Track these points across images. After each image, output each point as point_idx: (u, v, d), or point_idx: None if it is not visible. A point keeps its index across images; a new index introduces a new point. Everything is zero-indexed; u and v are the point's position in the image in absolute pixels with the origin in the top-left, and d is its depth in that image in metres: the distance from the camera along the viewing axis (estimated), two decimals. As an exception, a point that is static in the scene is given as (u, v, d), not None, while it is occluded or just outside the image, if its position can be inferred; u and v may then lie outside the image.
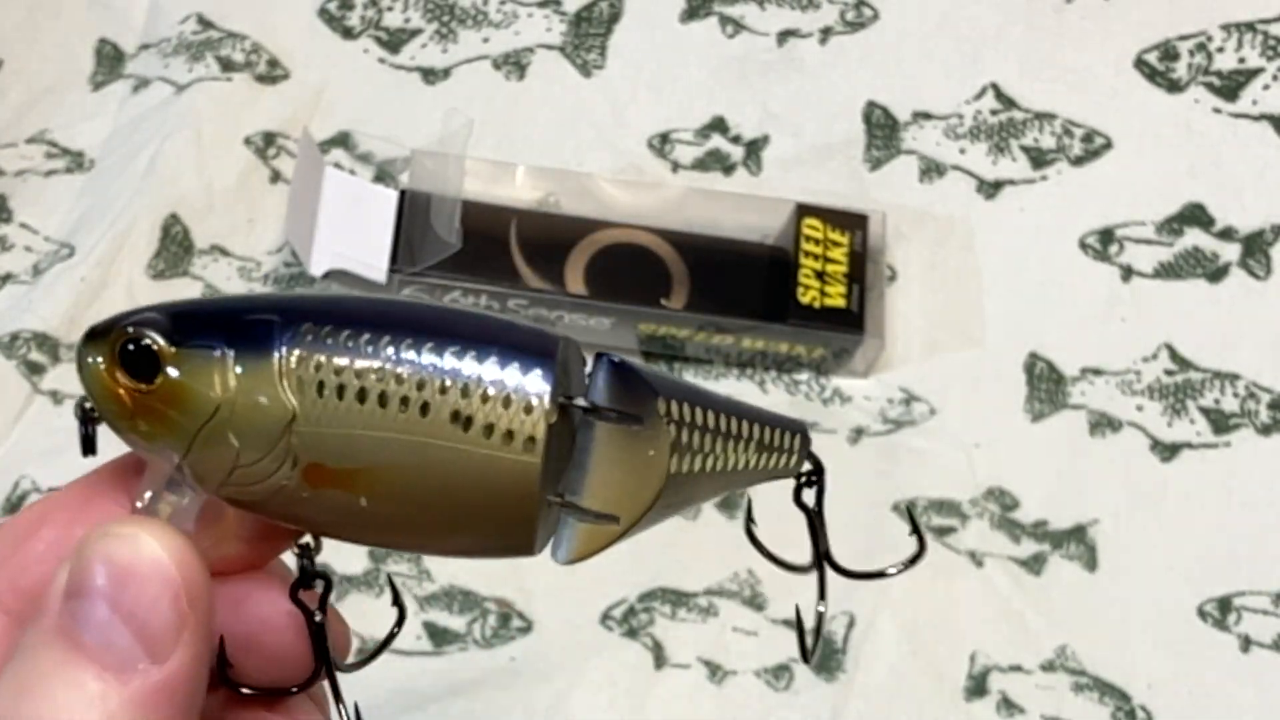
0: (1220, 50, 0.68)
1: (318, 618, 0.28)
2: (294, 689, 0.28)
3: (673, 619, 0.58)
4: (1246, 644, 0.58)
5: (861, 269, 0.62)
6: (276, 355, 0.25)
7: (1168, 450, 0.61)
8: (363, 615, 0.57)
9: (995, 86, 0.68)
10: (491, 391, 0.25)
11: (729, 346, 0.62)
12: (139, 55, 0.69)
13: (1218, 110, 0.67)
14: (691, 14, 0.70)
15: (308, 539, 0.28)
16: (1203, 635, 0.58)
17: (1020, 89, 0.68)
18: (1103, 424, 0.61)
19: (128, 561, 0.24)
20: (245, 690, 0.28)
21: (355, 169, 0.66)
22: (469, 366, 0.25)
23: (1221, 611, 0.58)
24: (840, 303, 0.61)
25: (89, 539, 0.24)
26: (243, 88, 0.67)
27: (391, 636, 0.30)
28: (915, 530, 0.31)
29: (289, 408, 0.25)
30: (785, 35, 0.69)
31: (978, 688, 0.57)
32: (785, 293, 0.61)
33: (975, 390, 0.62)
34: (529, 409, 0.25)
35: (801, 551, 0.30)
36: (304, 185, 0.62)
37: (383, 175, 0.66)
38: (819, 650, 0.30)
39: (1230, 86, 0.67)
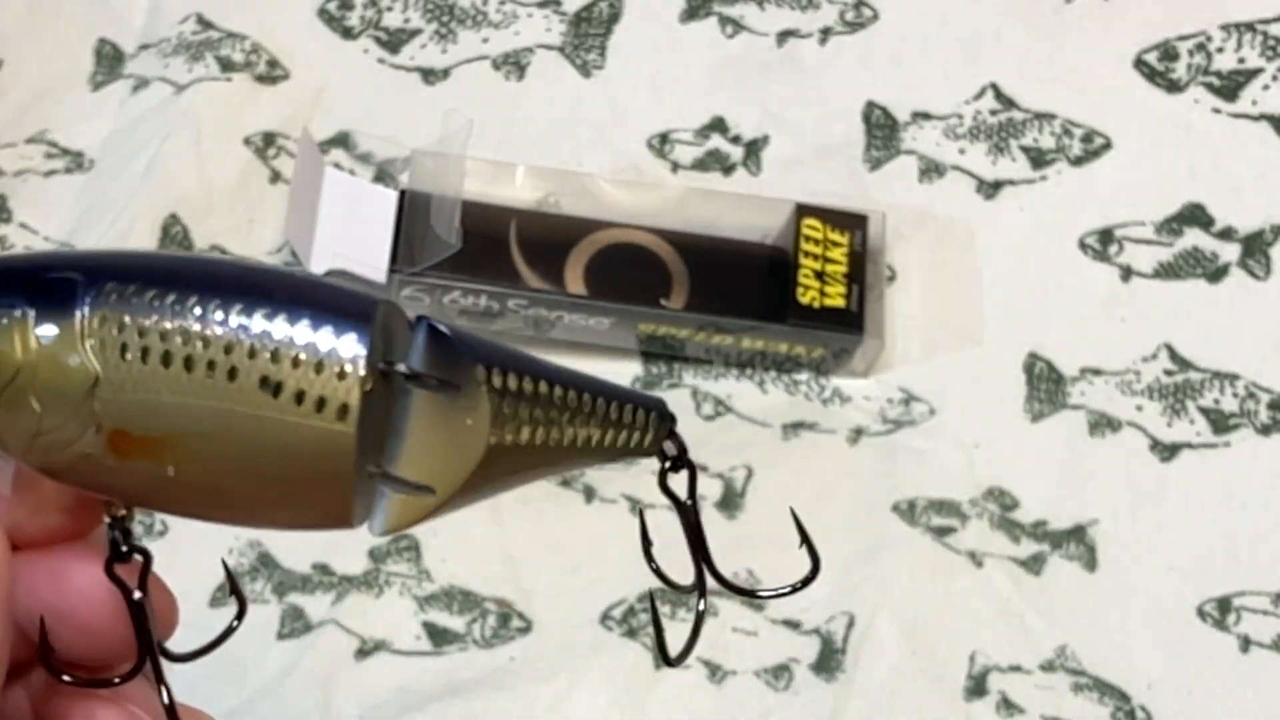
0: (1220, 50, 0.68)
1: (135, 595, 0.26)
2: (116, 680, 0.27)
3: (672, 619, 0.58)
4: (1246, 644, 0.58)
5: (861, 269, 0.62)
6: (79, 315, 0.24)
7: (1167, 450, 0.61)
8: (362, 615, 0.57)
9: (995, 86, 0.68)
10: (303, 356, 0.24)
11: (729, 346, 0.62)
12: (139, 55, 0.69)
13: (1218, 110, 0.67)
14: (691, 14, 0.70)
15: (120, 510, 0.26)
16: (1203, 635, 0.58)
17: (1020, 89, 0.68)
18: (1102, 424, 0.61)
19: None
20: (66, 679, 0.27)
21: (355, 169, 0.66)
22: (280, 329, 0.24)
23: (1221, 611, 0.58)
24: (840, 303, 0.61)
25: None
26: (243, 88, 0.67)
27: (230, 631, 0.28)
28: (806, 542, 0.30)
29: (91, 371, 0.24)
30: (785, 35, 0.69)
31: (977, 688, 0.57)
32: (785, 293, 0.61)
33: (975, 390, 0.62)
34: (342, 375, 0.24)
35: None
36: (304, 185, 0.62)
37: (383, 175, 0.66)
38: (692, 650, 0.29)
39: (1230, 86, 0.67)
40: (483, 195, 0.63)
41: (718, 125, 0.67)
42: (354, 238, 0.61)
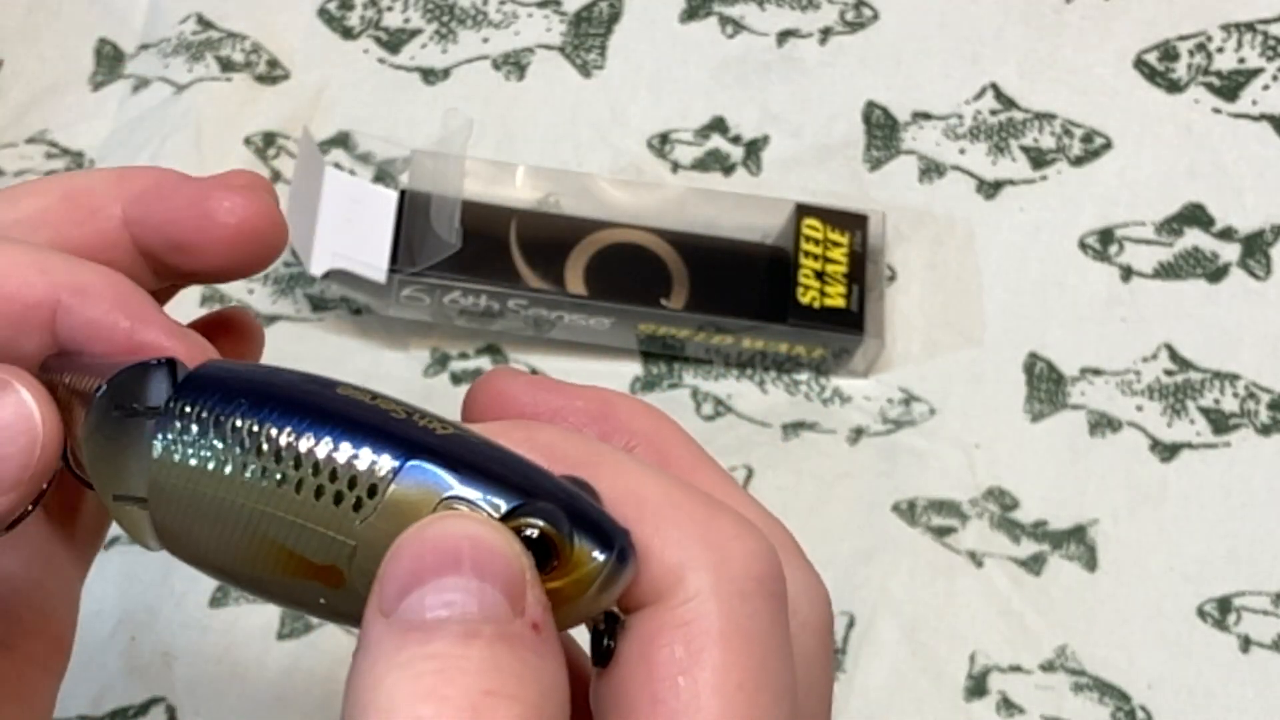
0: (1220, 50, 0.68)
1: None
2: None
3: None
4: (1246, 644, 0.58)
5: (861, 269, 0.62)
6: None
7: (1168, 450, 0.61)
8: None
9: (995, 86, 0.68)
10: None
11: (729, 346, 0.62)
12: (139, 55, 0.69)
13: (1218, 110, 0.67)
14: (691, 14, 0.70)
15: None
16: (1203, 635, 0.58)
17: (1020, 89, 0.68)
18: (1103, 424, 0.61)
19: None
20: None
21: (355, 169, 0.66)
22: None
23: (1221, 611, 0.58)
24: (840, 303, 0.61)
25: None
26: (243, 88, 0.67)
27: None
28: None
29: None
30: (785, 35, 0.69)
31: (978, 688, 0.57)
32: (785, 293, 0.61)
33: (975, 390, 0.62)
34: None
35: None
36: (304, 185, 0.62)
37: (383, 175, 0.66)
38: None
39: (1230, 86, 0.67)
40: (483, 195, 0.63)
41: (718, 125, 0.67)
42: (354, 238, 0.61)
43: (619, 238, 0.63)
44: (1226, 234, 0.65)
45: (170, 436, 0.25)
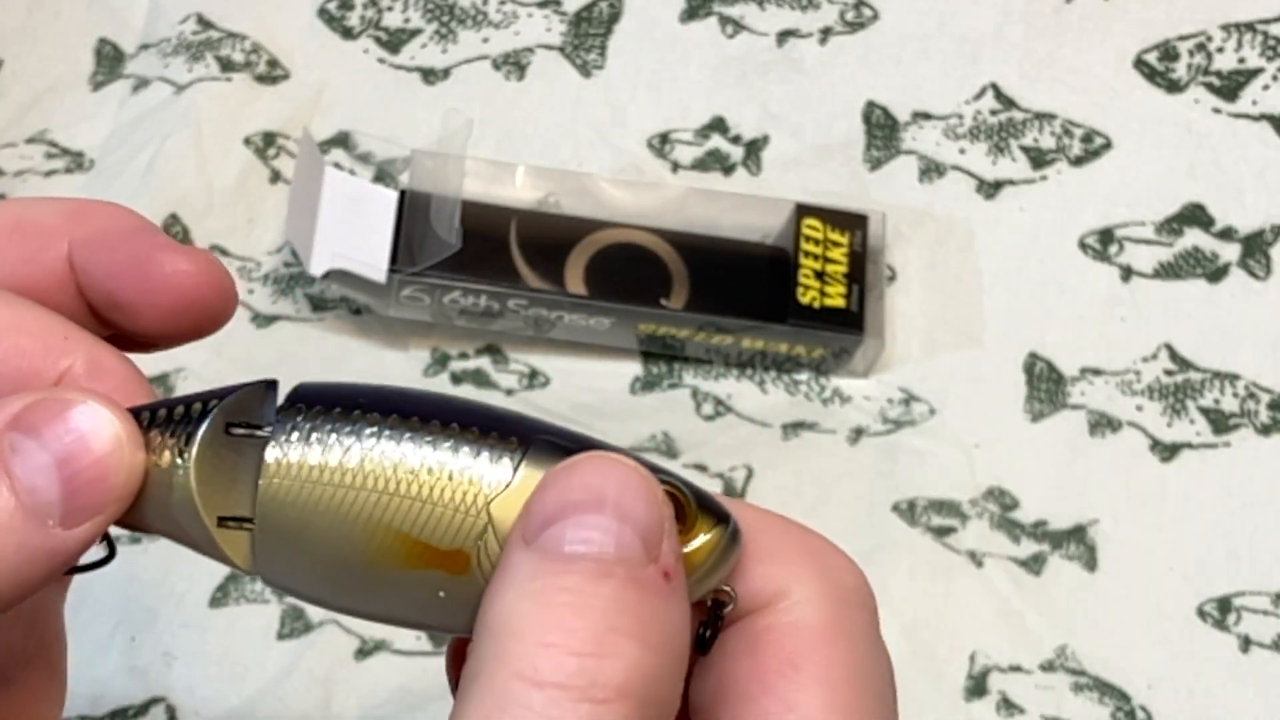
0: (1220, 50, 0.68)
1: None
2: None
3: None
4: (1246, 644, 0.58)
5: (861, 269, 0.62)
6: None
7: (1168, 450, 0.61)
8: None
9: (995, 86, 0.68)
10: None
11: (729, 346, 0.62)
12: (139, 55, 0.69)
13: (1218, 110, 0.67)
14: (691, 14, 0.70)
15: None
16: (1203, 635, 0.58)
17: (1020, 89, 0.68)
18: (1103, 424, 0.61)
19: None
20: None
21: (355, 169, 0.66)
22: None
23: (1221, 611, 0.58)
24: (840, 303, 0.61)
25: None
26: (243, 88, 0.67)
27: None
28: None
29: None
30: (785, 35, 0.69)
31: (978, 688, 0.57)
32: (785, 293, 0.61)
33: (975, 390, 0.62)
34: None
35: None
36: (304, 185, 0.62)
37: (383, 175, 0.66)
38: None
39: (1230, 86, 0.67)
40: (483, 195, 0.63)
41: (718, 125, 0.67)
42: (354, 238, 0.61)
43: (619, 238, 0.63)
44: (1226, 234, 0.65)
45: (287, 445, 0.25)
